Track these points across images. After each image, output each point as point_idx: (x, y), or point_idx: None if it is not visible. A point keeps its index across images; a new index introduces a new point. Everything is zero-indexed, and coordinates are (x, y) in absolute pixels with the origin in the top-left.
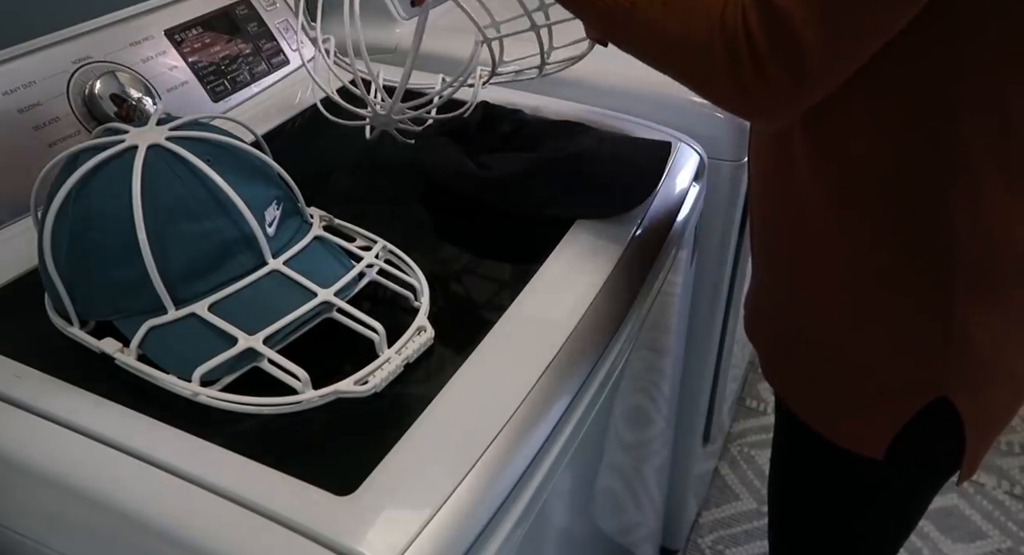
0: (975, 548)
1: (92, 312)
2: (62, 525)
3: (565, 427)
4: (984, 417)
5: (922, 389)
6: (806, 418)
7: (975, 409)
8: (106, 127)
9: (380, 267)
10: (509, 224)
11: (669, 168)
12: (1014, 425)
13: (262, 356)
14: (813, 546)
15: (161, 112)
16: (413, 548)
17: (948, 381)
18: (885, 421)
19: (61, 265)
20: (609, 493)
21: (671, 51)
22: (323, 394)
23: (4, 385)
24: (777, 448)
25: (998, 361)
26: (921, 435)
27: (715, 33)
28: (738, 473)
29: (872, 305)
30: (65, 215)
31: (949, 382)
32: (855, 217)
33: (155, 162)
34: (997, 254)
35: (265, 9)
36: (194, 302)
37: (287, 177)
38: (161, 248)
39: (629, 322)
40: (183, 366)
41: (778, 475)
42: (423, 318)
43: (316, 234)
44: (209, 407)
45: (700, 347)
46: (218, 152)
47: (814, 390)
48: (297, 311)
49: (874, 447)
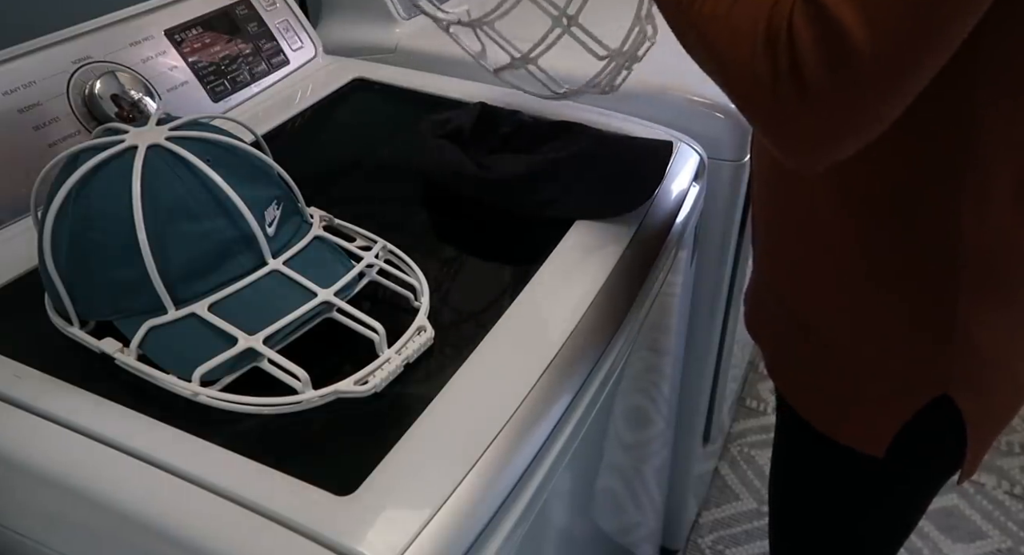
0: (975, 548)
1: (92, 312)
2: (62, 525)
3: (565, 427)
4: (986, 416)
5: (924, 388)
6: (807, 416)
7: (977, 408)
8: (106, 127)
9: (380, 267)
10: (509, 224)
11: (670, 169)
12: (1014, 425)
13: (262, 356)
14: (813, 545)
15: (161, 112)
16: (413, 548)
17: (950, 380)
18: (886, 420)
19: (61, 265)
20: (609, 493)
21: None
22: (323, 394)
23: (4, 385)
24: (778, 447)
25: (1001, 360)
26: (922, 434)
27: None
28: (738, 473)
29: (875, 303)
30: (65, 215)
31: (951, 381)
32: (862, 217)
33: (155, 162)
34: (1002, 254)
35: (265, 9)
36: (194, 302)
37: (287, 177)
38: (161, 248)
39: (629, 322)
40: (183, 366)
41: (779, 474)
42: (423, 318)
43: (316, 234)
44: (209, 407)
45: (700, 347)
46: (218, 152)
47: (816, 388)
48: (297, 311)
49: (875, 446)
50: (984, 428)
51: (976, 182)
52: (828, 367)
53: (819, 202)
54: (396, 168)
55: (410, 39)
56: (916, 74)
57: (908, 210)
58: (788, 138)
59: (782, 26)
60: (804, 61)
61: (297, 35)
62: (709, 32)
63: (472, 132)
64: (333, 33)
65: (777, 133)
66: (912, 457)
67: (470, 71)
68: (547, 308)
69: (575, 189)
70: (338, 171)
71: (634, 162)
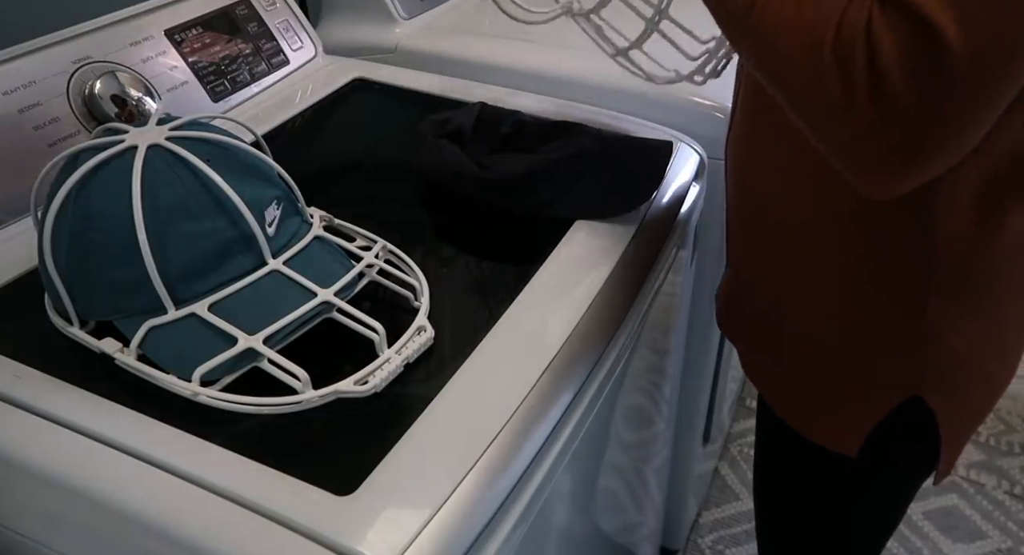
0: (975, 548)
1: (92, 312)
2: (62, 525)
3: (565, 427)
4: (959, 417)
5: (896, 388)
6: (782, 415)
7: (950, 409)
8: (106, 127)
9: (380, 267)
10: (509, 224)
11: (669, 168)
12: (1015, 425)
13: (262, 356)
14: (795, 543)
15: (161, 112)
16: (413, 548)
17: (922, 381)
18: (859, 420)
19: (61, 265)
20: (609, 493)
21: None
22: (323, 394)
23: (4, 385)
24: (758, 446)
25: (973, 362)
26: (896, 435)
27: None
28: (738, 473)
29: (849, 303)
30: (65, 215)
31: (923, 382)
32: (839, 220)
33: (155, 162)
34: (970, 257)
35: (265, 9)
36: (194, 302)
37: (287, 177)
38: (161, 248)
39: (629, 322)
40: (183, 366)
41: (759, 472)
42: (423, 318)
43: (316, 234)
44: (209, 407)
45: (700, 347)
46: (218, 152)
47: (790, 387)
48: (297, 311)
49: (848, 446)
50: (957, 428)
51: (947, 185)
52: (802, 366)
53: (796, 203)
54: (396, 168)
55: (410, 39)
56: (1011, 80)
57: (883, 213)
58: (865, 157)
59: (858, 30)
60: (887, 65)
61: (297, 35)
62: (765, 40)
63: (472, 132)
64: (333, 33)
65: (852, 151)
66: (886, 458)
67: (470, 71)
68: (547, 308)
69: (575, 189)
70: (338, 171)
71: (634, 162)
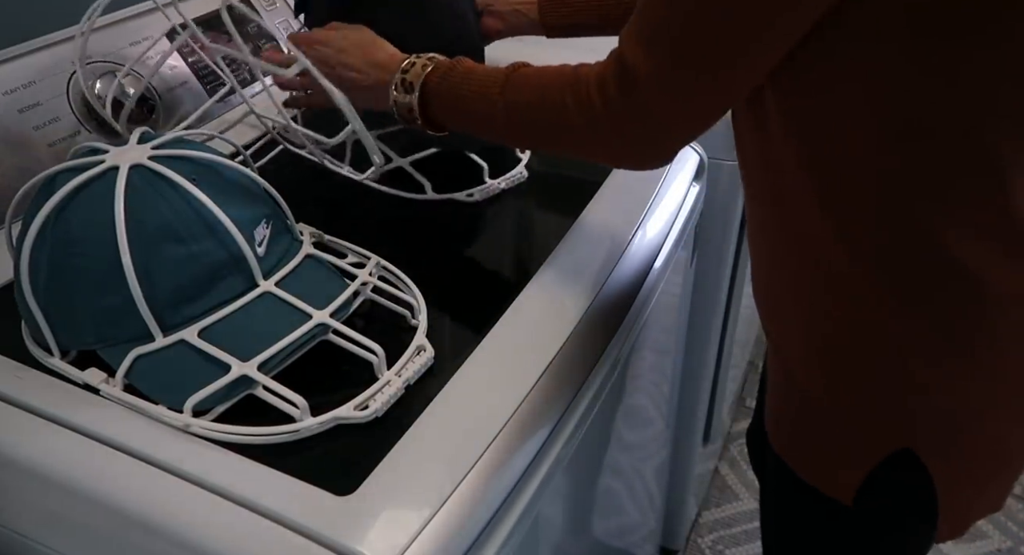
0: (975, 548)
1: (74, 341)
2: (62, 525)
3: (565, 427)
4: (961, 483)
5: (885, 439)
6: (782, 454)
7: (949, 473)
8: (85, 147)
9: (375, 285)
10: (506, 228)
11: (669, 168)
12: None
13: (257, 383)
14: None
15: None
16: (413, 548)
17: (915, 435)
18: (852, 467)
19: (40, 293)
20: (609, 493)
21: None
22: (322, 421)
23: (4, 385)
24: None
25: (975, 424)
26: (891, 486)
27: (569, 82)
28: (738, 473)
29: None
30: (44, 240)
31: (916, 437)
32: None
33: (138, 183)
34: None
35: (265, 9)
36: (183, 328)
37: (275, 194)
38: (147, 273)
39: (629, 322)
40: (173, 396)
41: (764, 505)
42: (422, 337)
43: (308, 252)
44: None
45: (700, 347)
46: (204, 170)
47: (790, 427)
48: (292, 335)
49: (843, 492)
50: (961, 495)
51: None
52: (802, 408)
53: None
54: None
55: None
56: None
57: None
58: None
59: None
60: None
61: None
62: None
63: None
64: None
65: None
66: (883, 509)
67: None
68: (546, 308)
69: None
70: (327, 186)
71: None
